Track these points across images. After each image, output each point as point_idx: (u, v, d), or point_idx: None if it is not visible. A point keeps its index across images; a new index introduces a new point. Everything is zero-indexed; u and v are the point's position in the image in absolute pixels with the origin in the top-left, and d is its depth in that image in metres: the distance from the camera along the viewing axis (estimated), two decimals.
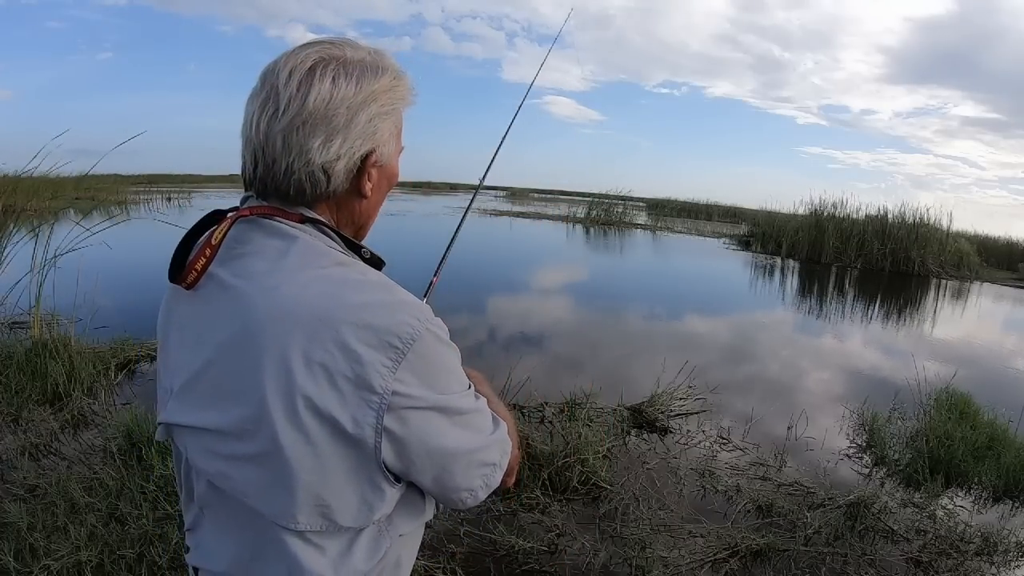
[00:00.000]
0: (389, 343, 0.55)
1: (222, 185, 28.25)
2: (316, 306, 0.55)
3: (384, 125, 0.64)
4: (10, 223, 4.38)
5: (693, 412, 3.73)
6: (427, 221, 15.28)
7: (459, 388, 0.63)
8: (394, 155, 0.69)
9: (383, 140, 0.65)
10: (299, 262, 0.58)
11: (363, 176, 0.64)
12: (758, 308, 8.22)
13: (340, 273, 0.59)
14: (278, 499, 0.57)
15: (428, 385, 0.58)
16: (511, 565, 2.13)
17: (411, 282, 0.73)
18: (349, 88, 0.61)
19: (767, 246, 14.97)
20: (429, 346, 0.58)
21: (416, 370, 0.57)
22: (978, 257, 14.09)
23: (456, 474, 0.63)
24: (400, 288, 0.61)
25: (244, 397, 0.56)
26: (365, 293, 0.57)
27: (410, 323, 0.57)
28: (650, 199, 33.41)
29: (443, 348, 0.61)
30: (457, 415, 0.62)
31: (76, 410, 3.11)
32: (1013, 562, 2.43)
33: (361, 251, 0.67)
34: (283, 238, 0.60)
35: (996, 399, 3.90)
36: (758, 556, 2.29)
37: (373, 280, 0.60)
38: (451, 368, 0.62)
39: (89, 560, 1.90)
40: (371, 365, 0.54)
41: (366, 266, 0.64)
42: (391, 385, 0.55)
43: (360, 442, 0.56)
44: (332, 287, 0.57)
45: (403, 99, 0.67)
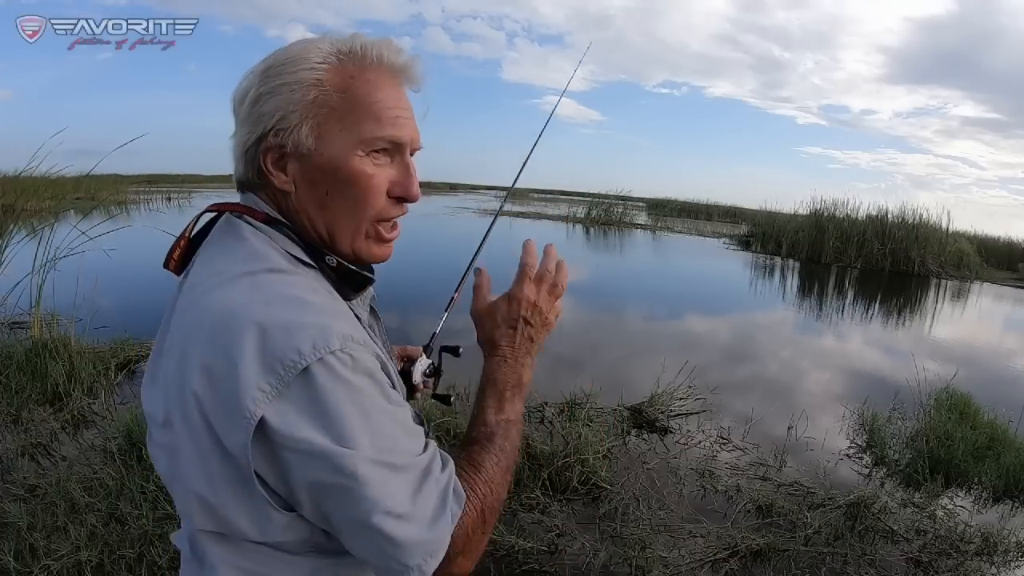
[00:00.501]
0: (272, 367, 0.49)
1: (222, 185, 28.21)
2: (225, 313, 0.52)
3: (273, 105, 0.58)
4: (10, 223, 4.38)
5: (693, 412, 3.73)
6: (426, 221, 15.31)
7: (365, 444, 0.50)
8: (329, 143, 0.59)
9: (280, 122, 0.58)
10: (237, 265, 0.56)
11: (261, 164, 0.60)
12: (758, 308, 8.22)
13: (266, 282, 0.55)
14: (180, 494, 0.57)
15: (314, 425, 0.49)
16: (511, 565, 2.13)
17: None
18: (247, 75, 0.61)
19: (767, 246, 14.97)
20: (321, 380, 0.49)
21: (299, 404, 0.49)
22: (978, 257, 14.08)
23: (353, 544, 0.54)
24: (320, 308, 0.54)
25: (162, 388, 0.56)
26: (272, 307, 0.52)
27: (300, 349, 0.49)
28: (650, 199, 33.44)
29: (343, 387, 0.50)
30: (348, 478, 0.50)
31: (76, 410, 3.10)
32: (1013, 562, 2.43)
33: (325, 259, 0.62)
34: (235, 239, 0.60)
35: (996, 399, 3.90)
36: (758, 556, 2.29)
37: (291, 295, 0.54)
38: (356, 413, 0.51)
39: (89, 560, 1.90)
40: (247, 384, 0.49)
41: (307, 278, 0.59)
42: (262, 411, 0.49)
43: (234, 455, 0.51)
44: (247, 296, 0.53)
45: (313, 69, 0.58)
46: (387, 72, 0.62)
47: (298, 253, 0.61)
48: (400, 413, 0.56)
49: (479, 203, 28.38)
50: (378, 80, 0.61)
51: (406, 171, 0.64)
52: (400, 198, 0.64)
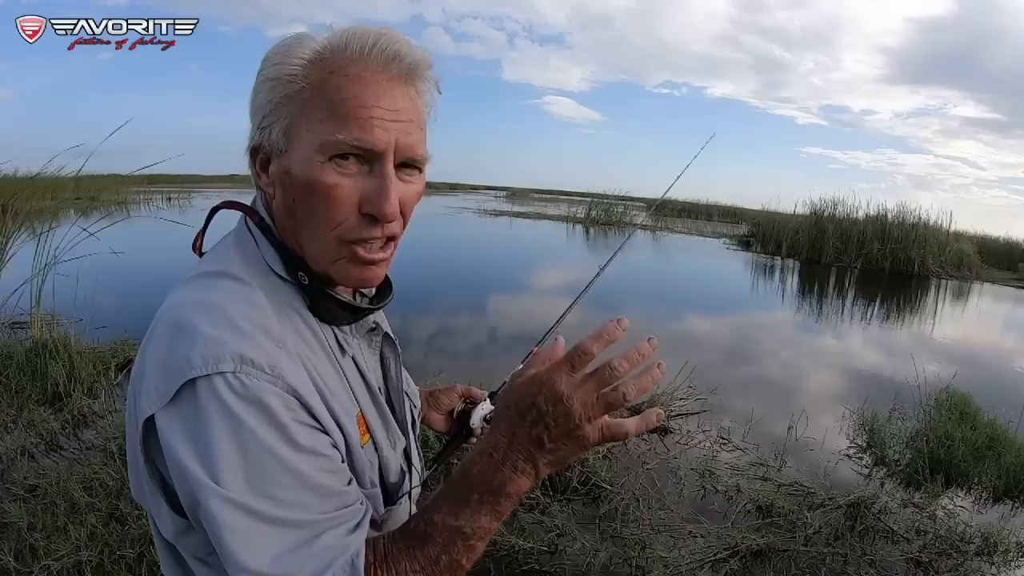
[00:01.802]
0: (167, 370, 0.47)
1: (223, 185, 28.24)
2: (165, 307, 0.52)
3: (257, 103, 0.56)
4: (10, 223, 4.38)
5: (693, 412, 3.73)
6: (429, 222, 15.32)
7: (229, 479, 0.45)
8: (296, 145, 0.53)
9: (261, 121, 0.55)
10: (204, 264, 0.57)
11: (253, 166, 0.59)
12: (758, 308, 8.23)
13: (208, 285, 0.53)
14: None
15: (187, 443, 0.46)
16: (511, 565, 2.13)
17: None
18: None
19: (767, 246, 14.98)
20: (202, 399, 0.45)
21: (179, 416, 0.46)
22: (978, 257, 14.08)
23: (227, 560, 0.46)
24: (233, 324, 0.48)
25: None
26: (196, 313, 0.49)
27: (190, 360, 0.46)
28: (650, 199, 33.40)
29: (221, 413, 0.45)
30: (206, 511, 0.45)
31: (76, 410, 3.10)
32: (1013, 562, 2.43)
33: (298, 274, 0.56)
34: (228, 238, 0.60)
35: (996, 399, 3.90)
36: (758, 556, 2.29)
37: (219, 304, 0.50)
38: (228, 444, 0.45)
39: (89, 560, 1.90)
40: (147, 380, 0.48)
41: (250, 291, 0.53)
42: (151, 411, 0.47)
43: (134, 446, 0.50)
44: (188, 296, 0.52)
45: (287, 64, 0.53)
46: (375, 66, 0.53)
47: (276, 265, 0.57)
48: (305, 462, 0.48)
49: (479, 203, 28.39)
50: (359, 75, 0.52)
51: (381, 184, 0.53)
52: (368, 214, 0.54)
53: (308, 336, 0.56)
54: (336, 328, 0.60)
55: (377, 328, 0.67)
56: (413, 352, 4.58)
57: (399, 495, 0.63)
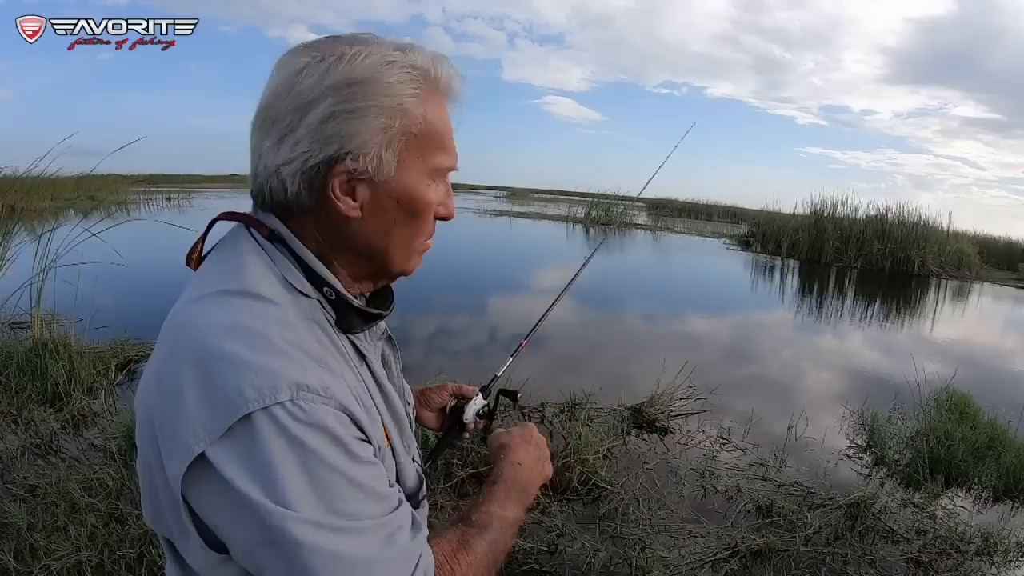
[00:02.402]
0: (215, 404, 0.46)
1: (222, 185, 28.25)
2: (189, 334, 0.50)
3: (354, 127, 0.53)
4: (11, 223, 4.38)
5: (693, 412, 3.73)
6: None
7: (305, 503, 0.45)
8: (406, 171, 0.57)
9: (360, 147, 0.54)
10: (217, 282, 0.53)
11: (327, 188, 0.54)
12: (758, 308, 8.23)
13: (233, 307, 0.51)
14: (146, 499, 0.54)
15: (251, 478, 0.45)
16: (511, 565, 2.14)
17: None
18: (310, 79, 0.53)
19: (767, 246, 14.97)
20: (263, 432, 0.45)
21: (238, 451, 0.45)
22: (978, 257, 14.08)
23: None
24: (279, 349, 0.48)
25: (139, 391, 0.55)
26: (230, 340, 0.48)
27: (243, 394, 0.45)
28: (650, 199, 33.42)
29: (287, 442, 0.46)
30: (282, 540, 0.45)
31: (76, 410, 3.11)
32: (1013, 562, 2.43)
33: (323, 289, 0.56)
34: (232, 252, 0.56)
35: (996, 399, 3.89)
36: (758, 556, 2.29)
37: (255, 329, 0.49)
38: (298, 471, 0.46)
39: (89, 560, 1.90)
40: (189, 417, 0.46)
41: (283, 311, 0.52)
42: (201, 448, 0.45)
43: (170, 481, 0.48)
44: (212, 320, 0.50)
45: (399, 94, 0.54)
46: (446, 94, 0.60)
47: (296, 279, 0.56)
48: (364, 472, 0.50)
49: (479, 203, 28.39)
50: (442, 106, 0.60)
51: (448, 193, 0.64)
52: (441, 218, 0.64)
53: (333, 349, 0.56)
54: (352, 335, 0.61)
55: (387, 334, 0.70)
56: (414, 351, 4.58)
57: (419, 499, 0.65)
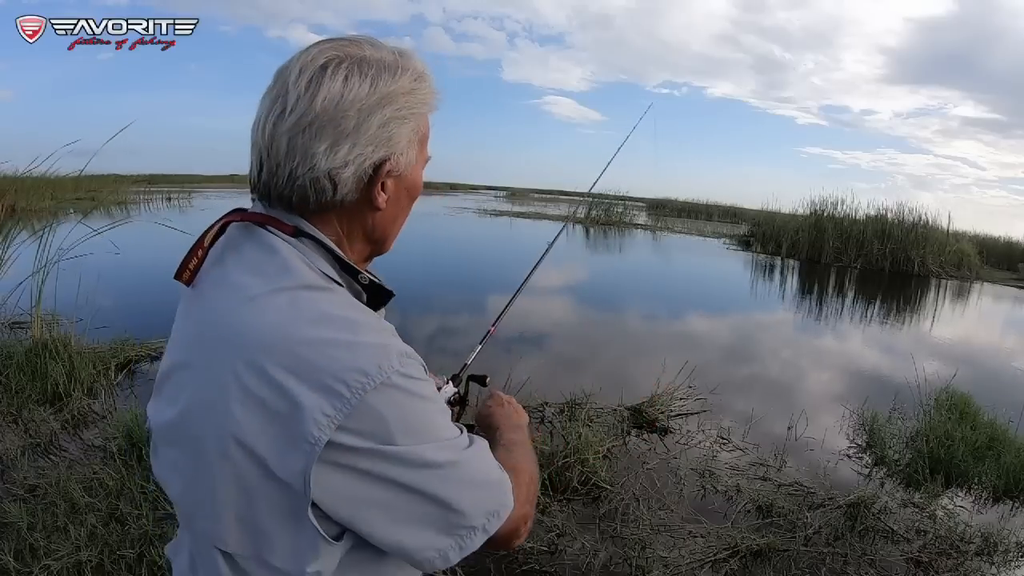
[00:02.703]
0: (334, 389, 0.49)
1: (222, 185, 28.25)
2: (265, 333, 0.51)
3: (401, 131, 0.59)
4: (11, 223, 4.38)
5: (693, 412, 3.73)
6: (429, 220, 15.29)
7: (425, 440, 0.54)
8: (416, 165, 0.64)
9: (400, 148, 0.60)
10: (270, 280, 0.55)
11: (375, 186, 0.60)
12: (758, 308, 8.23)
13: (306, 300, 0.54)
14: (207, 518, 0.55)
15: (378, 438, 0.51)
16: (511, 565, 2.13)
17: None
18: (362, 89, 0.56)
19: (767, 246, 14.97)
20: (386, 397, 0.51)
21: (364, 422, 0.50)
22: (978, 257, 14.08)
23: (419, 535, 0.54)
24: (370, 327, 0.54)
25: (187, 409, 0.54)
26: (322, 328, 0.51)
27: (365, 369, 0.50)
28: (650, 199, 33.45)
29: (408, 400, 0.53)
30: (419, 468, 0.53)
31: (76, 410, 3.10)
32: (1013, 562, 2.43)
33: (359, 276, 0.61)
34: (266, 251, 0.57)
35: (996, 399, 3.89)
36: (758, 556, 2.29)
37: (338, 314, 0.54)
38: (416, 420, 0.54)
39: (89, 560, 1.90)
40: (308, 410, 0.49)
41: (344, 296, 0.58)
42: (328, 435, 0.49)
43: (288, 485, 0.50)
44: (289, 315, 0.52)
45: (425, 103, 0.62)
46: None
47: (328, 269, 0.59)
48: (444, 407, 0.60)
49: (480, 203, 28.39)
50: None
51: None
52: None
53: None
54: None
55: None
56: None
57: None
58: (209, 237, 0.59)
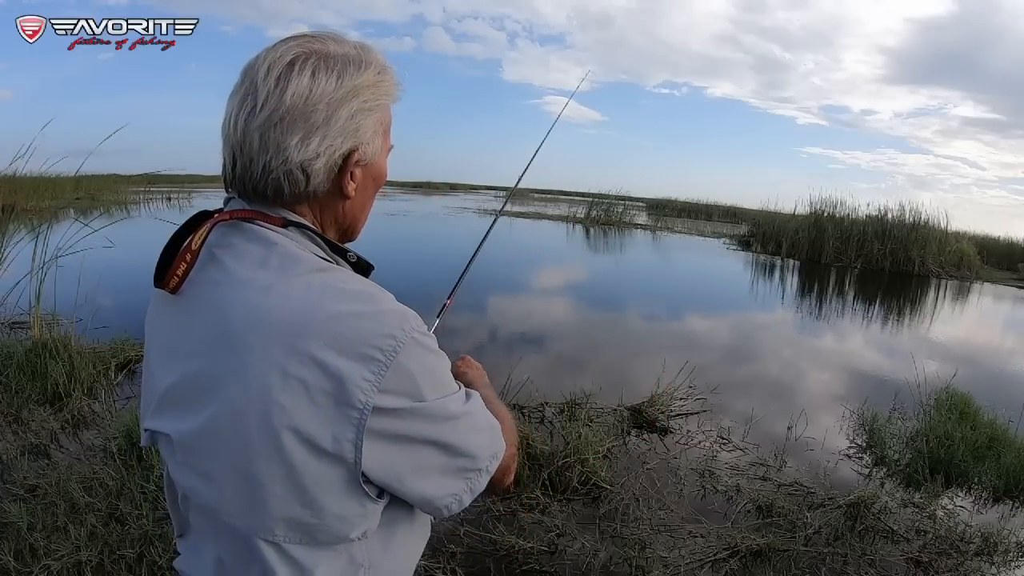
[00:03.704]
0: (370, 356, 0.53)
1: (222, 185, 28.19)
2: (294, 318, 0.53)
3: (367, 122, 0.62)
4: (10, 223, 4.38)
5: (693, 412, 3.73)
6: (428, 221, 15.30)
7: (446, 393, 0.61)
8: (380, 154, 0.67)
9: (366, 138, 0.63)
10: (278, 270, 0.56)
11: (345, 175, 0.62)
12: (758, 308, 8.23)
13: (320, 281, 0.56)
14: (252, 514, 0.56)
15: (412, 395, 0.56)
16: (511, 565, 2.13)
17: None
18: (329, 83, 0.59)
19: (767, 246, 14.97)
20: (413, 356, 0.56)
21: (399, 381, 0.55)
22: (978, 257, 14.09)
23: (440, 483, 0.61)
24: (383, 295, 0.59)
25: (219, 413, 0.54)
26: (345, 303, 0.55)
27: (392, 333, 0.55)
28: (650, 199, 33.47)
29: (429, 356, 0.59)
30: (443, 421, 0.59)
31: (76, 410, 3.10)
32: (1013, 562, 2.43)
33: (347, 255, 0.65)
34: (263, 244, 0.58)
35: (996, 399, 3.89)
36: (758, 556, 2.29)
37: (354, 288, 0.58)
38: (438, 375, 0.60)
39: (89, 560, 1.90)
40: (351, 380, 0.53)
41: (349, 273, 0.62)
42: (373, 399, 0.53)
43: (339, 458, 0.54)
44: (311, 297, 0.55)
45: (388, 94, 0.65)
46: None
47: (320, 252, 0.62)
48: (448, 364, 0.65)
49: (480, 203, 28.39)
50: None
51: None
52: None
53: None
54: None
55: None
56: None
57: None
58: (198, 242, 0.58)
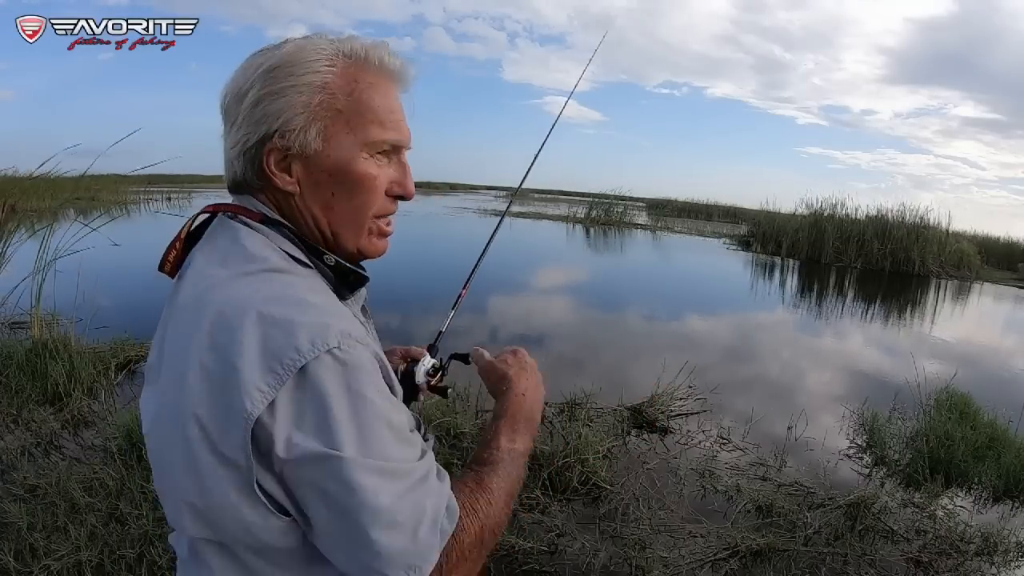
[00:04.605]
0: (270, 366, 0.49)
1: (222, 185, 28.18)
2: (222, 313, 0.51)
3: (277, 107, 0.59)
4: (11, 223, 4.38)
5: (693, 412, 3.73)
6: (428, 222, 15.32)
7: (355, 445, 0.49)
8: (336, 145, 0.60)
9: (288, 125, 0.59)
10: (232, 269, 0.56)
11: (266, 166, 0.60)
12: (758, 308, 8.23)
13: (263, 281, 0.55)
14: (170, 498, 0.56)
15: (308, 426, 0.49)
16: (511, 565, 2.13)
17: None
18: (244, 76, 0.60)
19: (767, 246, 14.96)
20: (316, 378, 0.49)
21: (295, 404, 0.49)
22: (978, 257, 14.08)
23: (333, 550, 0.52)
24: (320, 307, 0.54)
25: (159, 391, 0.55)
26: (273, 306, 0.51)
27: (300, 347, 0.49)
28: (650, 199, 33.47)
29: (338, 386, 0.50)
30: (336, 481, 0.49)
31: (76, 410, 3.10)
32: (1013, 562, 2.43)
33: (324, 257, 0.62)
34: (231, 241, 0.59)
35: (996, 399, 3.89)
36: (758, 556, 2.29)
37: (293, 295, 0.54)
38: (348, 414, 0.50)
39: (89, 560, 1.90)
40: (246, 384, 0.48)
41: (308, 278, 0.59)
42: (259, 411, 0.48)
43: (233, 461, 0.50)
44: (245, 294, 0.53)
45: (316, 72, 0.59)
46: (386, 76, 0.64)
47: (296, 253, 0.61)
48: (396, 418, 0.54)
49: (480, 203, 28.39)
50: (378, 83, 0.63)
51: (404, 170, 0.67)
52: (398, 196, 0.67)
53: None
54: (344, 302, 0.65)
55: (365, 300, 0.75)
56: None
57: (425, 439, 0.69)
58: (185, 230, 0.63)
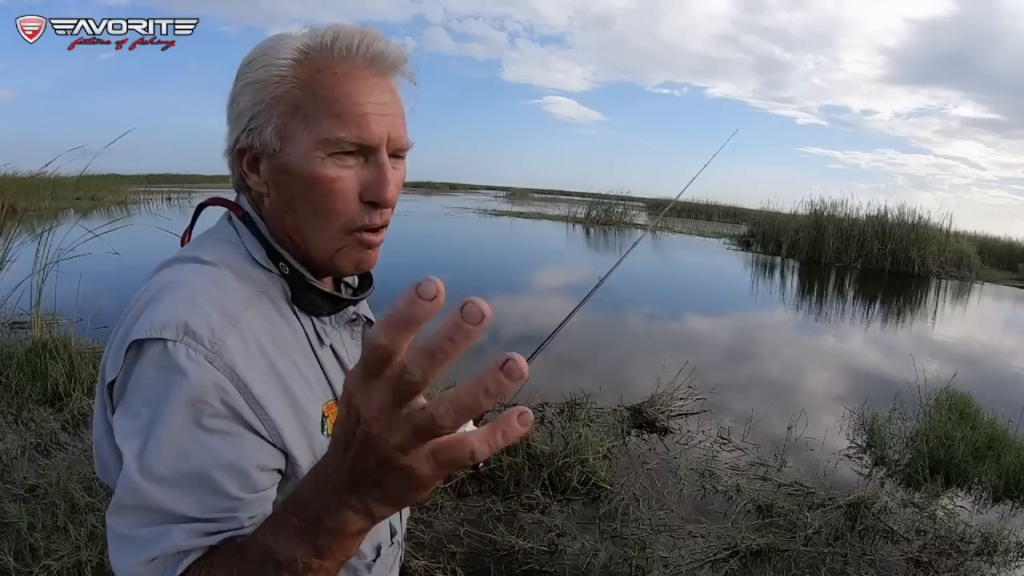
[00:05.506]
0: (125, 339, 0.50)
1: (222, 185, 28.14)
2: (146, 289, 0.54)
3: (244, 105, 0.57)
4: (11, 223, 4.38)
5: (693, 412, 3.73)
6: (429, 222, 15.32)
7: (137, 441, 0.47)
8: (293, 143, 0.55)
9: (251, 121, 0.56)
10: (182, 250, 0.59)
11: (241, 167, 0.60)
12: (758, 308, 8.22)
13: (178, 269, 0.56)
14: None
15: (122, 404, 0.50)
16: (511, 565, 2.13)
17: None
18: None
19: (767, 246, 14.96)
20: (142, 359, 0.48)
21: (122, 379, 0.50)
22: (978, 257, 14.08)
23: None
24: (191, 299, 0.50)
25: None
26: (163, 290, 0.52)
27: (141, 325, 0.49)
28: (650, 199, 33.46)
29: (148, 379, 0.48)
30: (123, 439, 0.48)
31: (76, 410, 3.10)
32: (1013, 562, 2.43)
33: (278, 264, 0.58)
34: (209, 231, 0.62)
35: (996, 399, 3.90)
36: (758, 556, 2.29)
37: (181, 281, 0.53)
38: (142, 410, 0.47)
39: (89, 560, 1.89)
40: (113, 352, 0.52)
41: (218, 273, 0.55)
42: (110, 377, 0.51)
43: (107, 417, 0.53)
44: (163, 278, 0.55)
45: (271, 64, 0.55)
46: (361, 63, 0.56)
47: (257, 254, 0.59)
48: (199, 448, 0.47)
49: (480, 203, 28.39)
50: (348, 73, 0.55)
51: (378, 173, 0.57)
52: (370, 202, 0.57)
53: (278, 321, 0.57)
54: (315, 319, 0.62)
55: (358, 318, 0.68)
56: None
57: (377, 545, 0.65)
58: (191, 222, 0.65)
